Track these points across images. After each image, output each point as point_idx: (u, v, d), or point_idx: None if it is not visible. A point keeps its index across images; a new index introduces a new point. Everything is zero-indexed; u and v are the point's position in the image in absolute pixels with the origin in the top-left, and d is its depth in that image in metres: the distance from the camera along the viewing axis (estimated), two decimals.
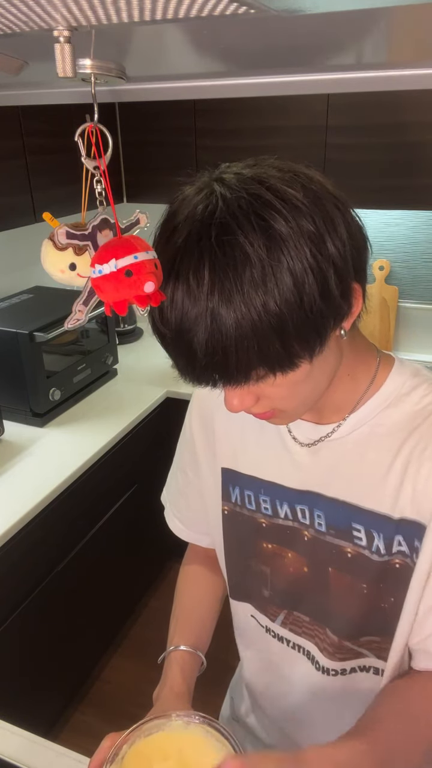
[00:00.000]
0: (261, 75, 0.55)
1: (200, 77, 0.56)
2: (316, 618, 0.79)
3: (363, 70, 0.52)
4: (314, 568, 0.77)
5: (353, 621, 0.76)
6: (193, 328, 0.52)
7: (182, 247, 0.53)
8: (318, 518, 0.74)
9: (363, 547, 0.72)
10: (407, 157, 2.01)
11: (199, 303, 0.51)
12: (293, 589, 0.80)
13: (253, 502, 0.81)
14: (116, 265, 0.49)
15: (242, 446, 0.81)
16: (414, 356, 2.56)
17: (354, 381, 0.70)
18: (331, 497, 0.73)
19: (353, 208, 0.59)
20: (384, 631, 0.74)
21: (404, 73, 0.52)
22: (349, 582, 0.74)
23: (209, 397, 0.84)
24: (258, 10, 0.32)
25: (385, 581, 0.71)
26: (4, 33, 0.37)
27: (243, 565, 0.85)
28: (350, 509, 0.72)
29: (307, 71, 0.53)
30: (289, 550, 0.79)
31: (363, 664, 0.78)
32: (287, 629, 0.83)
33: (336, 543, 0.74)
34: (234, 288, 0.50)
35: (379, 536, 0.70)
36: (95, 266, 0.50)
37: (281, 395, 0.60)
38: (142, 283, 0.49)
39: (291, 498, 0.77)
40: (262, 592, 0.84)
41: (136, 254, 0.49)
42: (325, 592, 0.76)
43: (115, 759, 0.65)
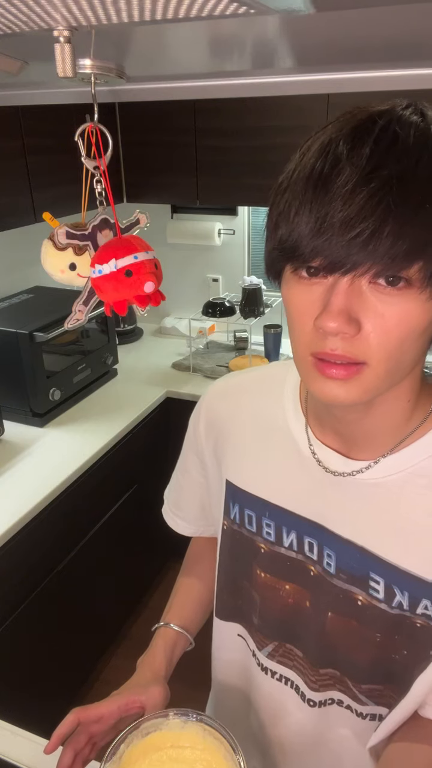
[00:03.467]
0: (261, 75, 0.55)
1: (200, 77, 0.56)
2: (308, 655, 0.75)
3: (363, 70, 0.52)
4: (316, 607, 0.71)
5: (360, 666, 0.71)
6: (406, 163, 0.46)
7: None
8: (328, 557, 0.68)
9: (379, 600, 0.66)
10: None
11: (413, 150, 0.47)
12: (288, 623, 0.75)
13: (254, 524, 0.74)
14: (116, 265, 0.49)
15: (252, 463, 0.74)
16: None
17: (408, 415, 0.63)
18: (346, 539, 0.66)
19: None
20: (389, 681, 0.70)
21: (404, 73, 0.52)
22: (356, 628, 0.69)
23: (222, 402, 0.80)
24: (258, 10, 0.32)
25: (401, 634, 0.66)
26: (4, 33, 0.37)
27: (235, 586, 0.81)
28: (369, 558, 0.65)
29: (307, 71, 0.53)
30: (287, 583, 0.73)
31: (348, 704, 0.74)
32: (275, 661, 0.79)
33: (346, 588, 0.68)
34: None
35: (403, 595, 0.64)
36: (95, 266, 0.50)
37: (393, 336, 0.50)
38: (142, 283, 0.49)
39: (300, 528, 0.70)
40: (251, 618, 0.80)
41: (136, 254, 0.49)
42: (323, 634, 0.71)
43: (113, 759, 0.65)
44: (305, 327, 0.52)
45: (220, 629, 0.87)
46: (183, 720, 0.70)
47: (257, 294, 2.56)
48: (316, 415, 0.68)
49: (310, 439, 0.69)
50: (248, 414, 0.76)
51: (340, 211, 0.47)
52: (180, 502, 0.92)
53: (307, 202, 0.49)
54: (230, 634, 0.85)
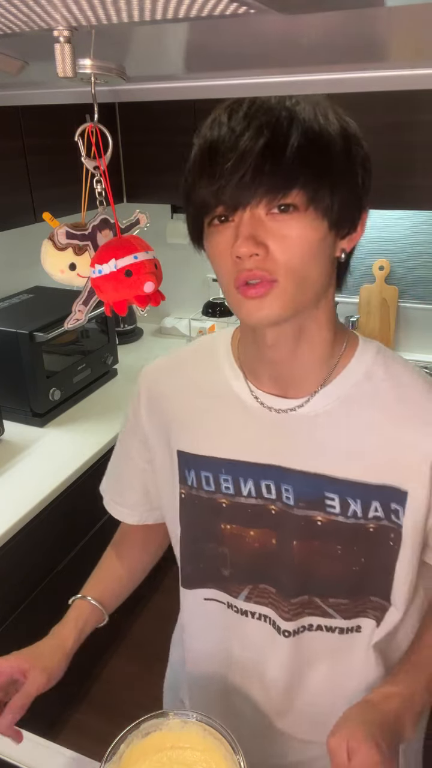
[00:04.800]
0: (261, 75, 0.55)
1: (200, 77, 0.56)
2: (281, 589, 0.81)
3: (363, 70, 0.52)
4: (282, 541, 0.78)
5: (322, 582, 0.79)
6: (276, 114, 0.60)
7: None
8: (286, 492, 0.76)
9: (336, 514, 0.75)
10: (407, 157, 2.01)
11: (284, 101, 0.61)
12: (258, 564, 0.81)
13: (212, 483, 0.80)
14: (116, 265, 0.49)
15: (201, 427, 0.81)
16: (414, 356, 2.56)
17: (329, 351, 0.75)
18: (299, 470, 0.75)
19: None
20: (352, 594, 0.79)
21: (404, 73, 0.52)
22: (319, 548, 0.77)
23: (160, 380, 0.86)
24: (258, 10, 0.32)
25: (358, 544, 0.76)
26: (4, 33, 0.37)
27: (200, 550, 0.85)
28: (321, 480, 0.74)
29: (307, 71, 0.53)
30: (252, 529, 0.80)
31: (321, 623, 0.81)
32: (252, 602, 0.84)
33: (305, 514, 0.76)
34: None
35: (356, 502, 0.74)
36: (95, 266, 0.50)
37: (292, 252, 0.63)
38: (142, 283, 0.49)
39: (256, 474, 0.77)
40: (221, 572, 0.84)
41: (136, 254, 0.49)
42: (292, 562, 0.79)
43: (113, 759, 0.65)
44: (227, 262, 0.64)
45: (189, 599, 0.90)
46: (183, 720, 0.70)
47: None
48: (251, 368, 0.78)
49: (251, 389, 0.78)
50: (189, 384, 0.83)
51: (228, 162, 0.59)
52: (122, 491, 0.97)
53: (205, 166, 0.62)
54: (198, 600, 0.88)
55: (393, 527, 0.74)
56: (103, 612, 0.93)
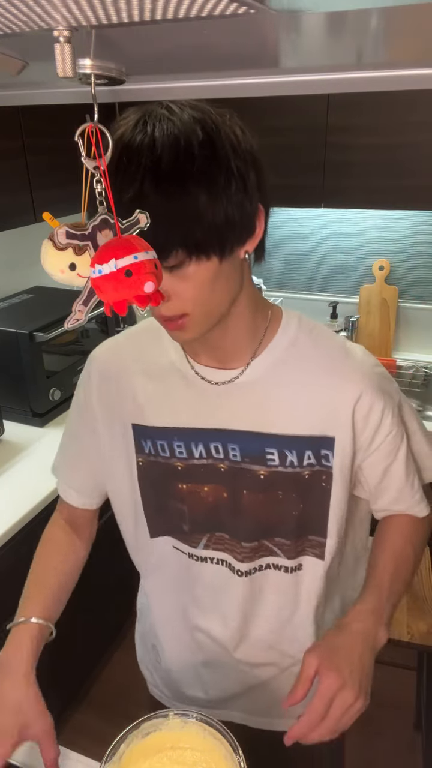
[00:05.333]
0: (261, 75, 0.55)
1: (200, 77, 0.56)
2: (235, 535, 0.91)
3: (363, 70, 0.52)
4: (232, 493, 0.88)
5: (262, 525, 0.89)
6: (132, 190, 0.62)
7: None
8: (233, 450, 0.86)
9: (276, 466, 0.86)
10: (407, 157, 2.01)
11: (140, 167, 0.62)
12: (213, 515, 0.91)
13: (167, 450, 0.89)
14: (116, 265, 0.49)
15: (150, 402, 0.89)
16: (414, 356, 2.56)
17: (255, 327, 0.84)
18: (243, 430, 0.85)
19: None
20: (294, 535, 0.90)
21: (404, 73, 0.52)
22: (263, 497, 0.87)
23: (110, 361, 0.93)
24: (258, 10, 0.32)
25: (296, 491, 0.87)
26: (4, 33, 0.37)
27: (161, 506, 0.93)
28: (261, 437, 0.85)
29: (307, 71, 0.53)
30: (205, 485, 0.89)
31: (273, 562, 0.92)
32: (210, 549, 0.93)
33: (250, 468, 0.86)
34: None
35: (292, 453, 0.85)
36: (95, 266, 0.50)
37: (191, 294, 0.70)
38: (142, 283, 0.49)
39: (204, 438, 0.86)
40: (181, 527, 0.93)
41: (136, 254, 0.49)
42: (240, 509, 0.88)
43: (113, 759, 0.65)
44: None
45: (155, 546, 0.98)
46: (183, 720, 0.70)
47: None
48: (191, 347, 0.86)
49: (192, 365, 0.86)
50: (137, 363, 0.90)
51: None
52: (72, 474, 1.05)
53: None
54: (166, 547, 0.96)
55: (324, 470, 0.87)
56: (51, 627, 0.96)
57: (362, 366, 0.87)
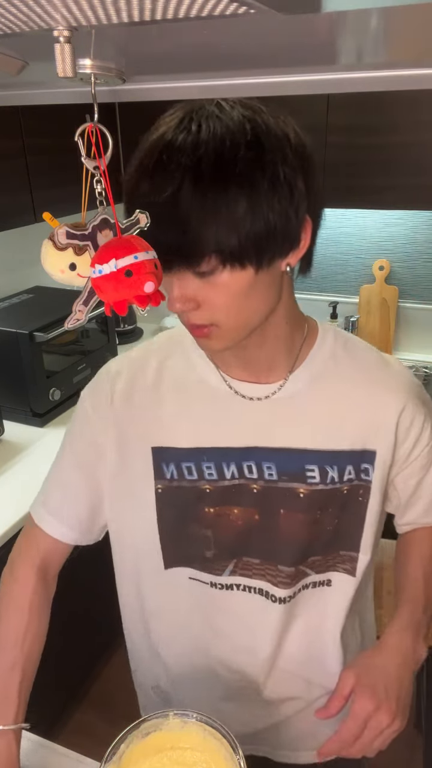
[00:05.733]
0: (261, 75, 0.55)
1: (200, 77, 0.56)
2: (266, 557, 0.85)
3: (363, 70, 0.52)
4: (265, 514, 0.83)
5: (302, 547, 0.84)
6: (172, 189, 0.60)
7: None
8: (268, 469, 0.81)
9: (316, 483, 0.81)
10: (407, 157, 2.01)
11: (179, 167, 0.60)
12: (242, 540, 0.85)
13: (194, 472, 0.82)
14: (116, 265, 0.49)
15: (176, 421, 0.82)
16: (414, 356, 2.56)
17: (292, 340, 0.80)
18: (280, 447, 0.80)
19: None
20: (326, 550, 0.86)
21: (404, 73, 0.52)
22: (302, 518, 0.83)
23: (129, 379, 0.85)
24: (258, 10, 0.32)
25: (333, 506, 0.83)
26: (4, 33, 0.37)
27: (181, 534, 0.86)
28: (301, 454, 0.81)
29: (307, 71, 0.53)
30: (235, 507, 0.83)
31: (306, 582, 0.87)
32: (237, 575, 0.86)
33: (288, 486, 0.82)
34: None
35: (333, 469, 0.81)
36: (95, 266, 0.50)
37: (223, 303, 0.66)
38: (142, 283, 0.49)
39: (237, 457, 0.81)
40: (203, 554, 0.86)
41: (136, 254, 0.49)
42: (276, 531, 0.83)
43: (113, 759, 0.65)
44: None
45: (170, 579, 0.88)
46: (183, 720, 0.70)
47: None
48: (224, 359, 0.81)
49: (225, 379, 0.81)
50: (162, 378, 0.84)
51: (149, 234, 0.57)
52: (63, 505, 0.90)
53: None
54: (181, 579, 0.88)
55: (362, 484, 0.83)
56: (25, 726, 0.82)
57: (402, 377, 0.85)
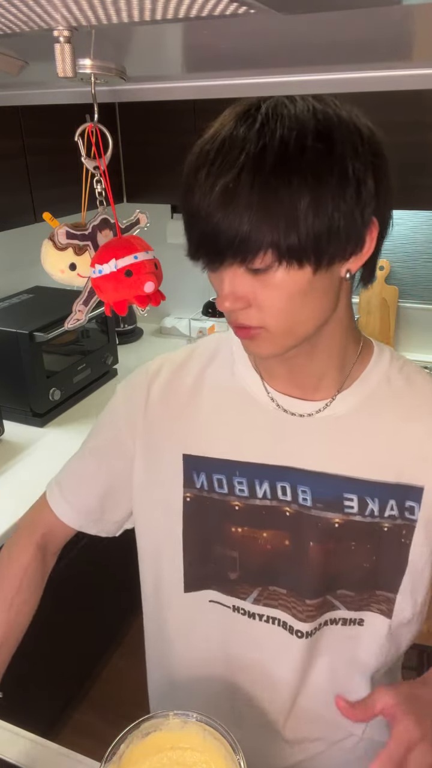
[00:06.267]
0: (261, 75, 0.55)
1: (200, 77, 0.56)
2: (295, 590, 0.79)
3: (363, 70, 0.52)
4: (296, 542, 0.77)
5: (331, 578, 0.79)
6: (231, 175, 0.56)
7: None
8: (303, 493, 0.76)
9: (354, 514, 0.75)
10: (407, 158, 2.01)
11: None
12: (270, 567, 0.79)
13: (225, 486, 0.78)
14: (116, 265, 0.49)
15: (212, 429, 0.79)
16: (414, 356, 2.56)
17: (345, 356, 0.75)
18: (318, 471, 0.75)
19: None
20: (360, 588, 0.79)
21: (404, 73, 0.52)
22: (333, 548, 0.77)
23: (168, 379, 0.82)
24: (258, 10, 0.32)
25: (372, 542, 0.77)
26: (4, 33, 0.37)
27: (206, 552, 0.82)
28: (341, 481, 0.75)
29: (307, 71, 0.53)
30: (264, 531, 0.78)
31: (332, 617, 0.81)
32: (261, 605, 0.81)
33: (323, 516, 0.76)
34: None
35: (374, 501, 0.75)
36: (95, 266, 0.50)
37: (275, 304, 0.62)
38: (142, 283, 0.49)
39: (272, 476, 0.76)
40: (227, 575, 0.81)
41: (136, 254, 0.49)
42: (306, 560, 0.77)
43: (113, 759, 0.65)
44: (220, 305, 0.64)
45: (188, 602, 0.85)
46: (183, 720, 0.70)
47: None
48: (269, 370, 0.76)
49: (269, 391, 0.76)
50: (201, 385, 0.80)
51: (199, 226, 0.58)
52: (76, 487, 0.90)
53: (185, 215, 0.59)
54: (203, 602, 0.84)
55: (406, 524, 0.76)
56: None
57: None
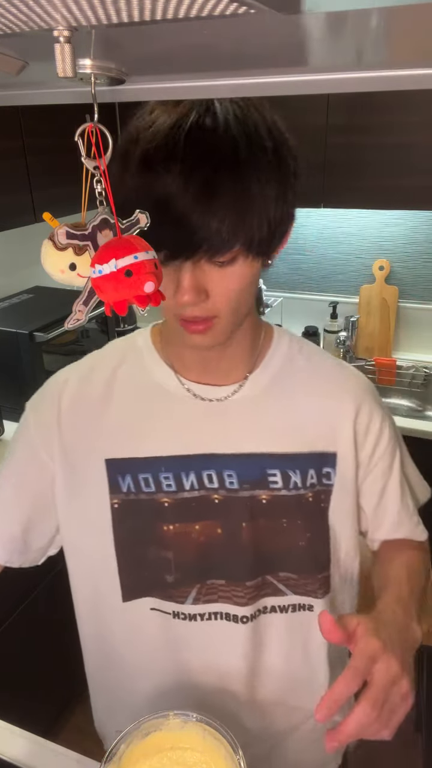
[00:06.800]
0: (261, 75, 0.55)
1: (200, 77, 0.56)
2: (233, 577, 0.80)
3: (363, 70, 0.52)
4: (229, 528, 0.79)
5: (268, 558, 0.81)
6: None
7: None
8: (229, 477, 0.78)
9: (279, 489, 0.79)
10: (407, 157, 2.01)
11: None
12: (205, 560, 0.80)
13: (152, 484, 0.78)
14: (116, 265, 0.49)
15: (131, 430, 0.79)
16: (414, 356, 2.56)
17: (254, 341, 0.81)
18: (240, 453, 0.78)
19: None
20: (300, 569, 0.82)
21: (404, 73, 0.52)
22: (265, 525, 0.79)
23: (78, 388, 0.82)
24: (258, 10, 0.32)
25: (301, 517, 0.80)
26: (4, 33, 0.37)
27: (139, 557, 0.81)
28: (262, 458, 0.78)
29: (307, 71, 0.53)
30: (196, 523, 0.79)
31: (279, 603, 0.83)
32: (201, 603, 0.81)
33: (250, 495, 0.79)
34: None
35: (295, 473, 0.79)
36: (95, 266, 0.50)
37: (232, 293, 0.65)
38: (142, 283, 0.49)
39: (196, 466, 0.78)
40: (164, 579, 0.80)
41: (136, 254, 0.49)
42: (240, 545, 0.79)
43: (113, 759, 0.65)
44: (168, 300, 0.65)
45: (128, 613, 0.82)
46: (183, 720, 0.70)
47: (257, 294, 2.55)
48: (182, 362, 0.80)
49: (182, 382, 0.79)
50: (113, 387, 0.81)
51: (167, 215, 0.58)
52: (5, 530, 0.85)
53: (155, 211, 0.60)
54: (144, 611, 0.82)
55: (324, 489, 0.81)
56: None
57: (358, 378, 0.86)
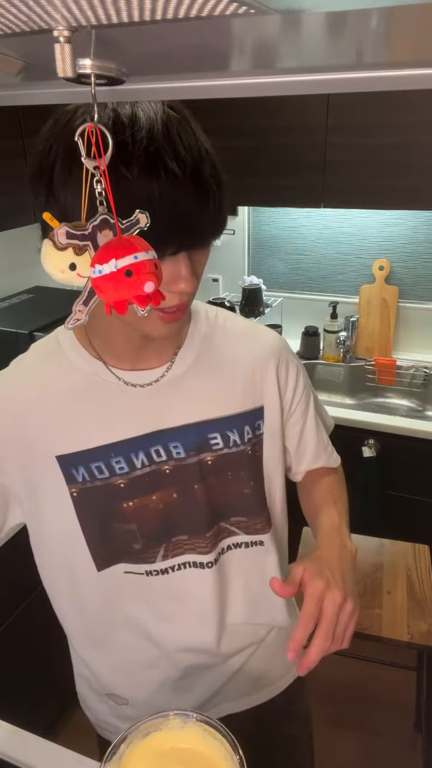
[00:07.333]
0: (261, 75, 0.55)
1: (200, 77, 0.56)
2: (193, 531, 0.89)
3: (363, 70, 0.52)
4: (182, 492, 0.87)
5: (220, 508, 0.90)
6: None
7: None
8: (175, 449, 0.85)
9: (221, 449, 0.87)
10: (407, 157, 2.01)
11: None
12: (166, 523, 0.88)
13: (105, 471, 0.84)
14: (116, 265, 0.49)
15: (73, 426, 0.82)
16: (414, 356, 2.56)
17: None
18: (181, 425, 0.85)
19: None
20: (249, 512, 0.93)
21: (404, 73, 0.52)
22: (214, 482, 0.88)
23: (11, 398, 0.83)
24: (258, 10, 0.32)
25: (245, 469, 0.90)
26: (4, 33, 0.37)
27: (105, 534, 0.86)
28: (202, 426, 0.86)
29: (307, 71, 0.53)
30: (153, 494, 0.86)
31: (233, 542, 0.93)
32: (170, 558, 0.90)
33: (197, 459, 0.86)
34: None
35: (233, 432, 0.88)
36: (95, 266, 0.50)
37: (200, 275, 0.72)
38: (142, 283, 0.49)
39: (144, 445, 0.84)
40: (132, 548, 0.88)
41: (136, 254, 0.49)
42: (195, 502, 0.88)
43: (113, 759, 0.65)
44: None
45: (103, 580, 0.89)
46: (183, 720, 0.70)
47: (257, 294, 2.56)
48: (115, 354, 0.83)
49: (116, 374, 0.83)
50: (45, 390, 0.83)
51: (166, 217, 0.62)
52: None
53: (159, 207, 0.63)
54: (118, 575, 0.89)
55: (257, 440, 0.91)
56: None
57: (271, 334, 0.95)
